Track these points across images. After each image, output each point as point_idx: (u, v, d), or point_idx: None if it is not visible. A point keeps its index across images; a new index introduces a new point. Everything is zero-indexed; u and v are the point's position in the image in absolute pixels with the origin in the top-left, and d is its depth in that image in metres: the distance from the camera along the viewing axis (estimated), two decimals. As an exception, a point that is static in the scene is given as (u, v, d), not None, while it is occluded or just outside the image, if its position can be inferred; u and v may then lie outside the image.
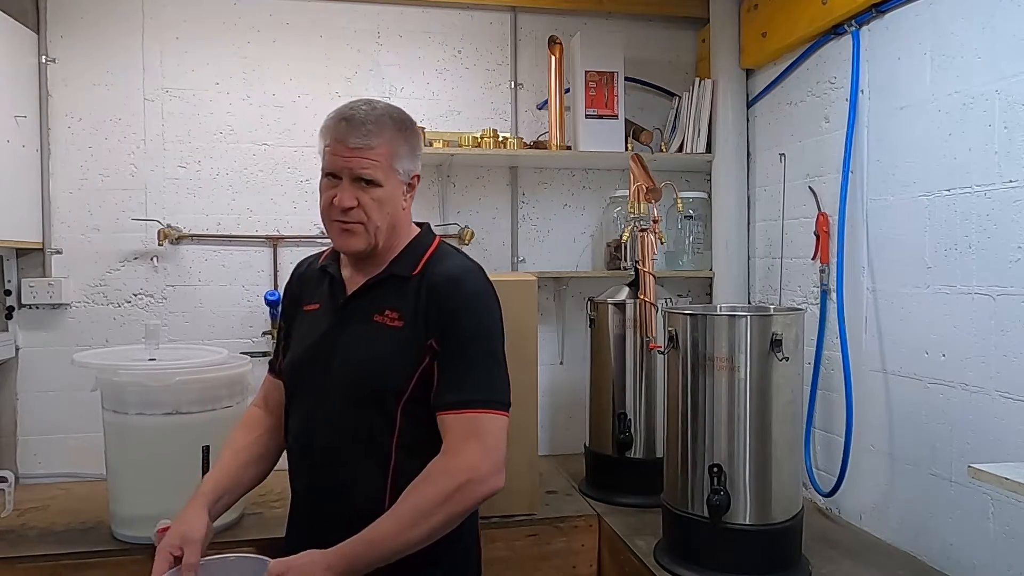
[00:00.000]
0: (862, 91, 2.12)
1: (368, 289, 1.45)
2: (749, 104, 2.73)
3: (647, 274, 2.21)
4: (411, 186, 1.47)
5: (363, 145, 1.38)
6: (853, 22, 2.12)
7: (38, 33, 2.50)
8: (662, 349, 1.89)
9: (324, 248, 1.64)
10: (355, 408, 1.40)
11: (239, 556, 1.39)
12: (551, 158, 2.76)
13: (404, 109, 1.49)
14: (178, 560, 1.31)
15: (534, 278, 2.21)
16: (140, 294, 2.60)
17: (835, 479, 2.15)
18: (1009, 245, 1.65)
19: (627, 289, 2.35)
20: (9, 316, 2.49)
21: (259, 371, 2.60)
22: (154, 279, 2.61)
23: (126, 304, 2.59)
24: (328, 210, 1.43)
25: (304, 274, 1.60)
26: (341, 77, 2.72)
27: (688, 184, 2.90)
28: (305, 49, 2.69)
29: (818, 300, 2.29)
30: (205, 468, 1.98)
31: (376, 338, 1.41)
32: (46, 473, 2.52)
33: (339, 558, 1.25)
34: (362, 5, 2.73)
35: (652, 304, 2.19)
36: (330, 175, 1.43)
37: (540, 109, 2.85)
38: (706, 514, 1.70)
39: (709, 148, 2.75)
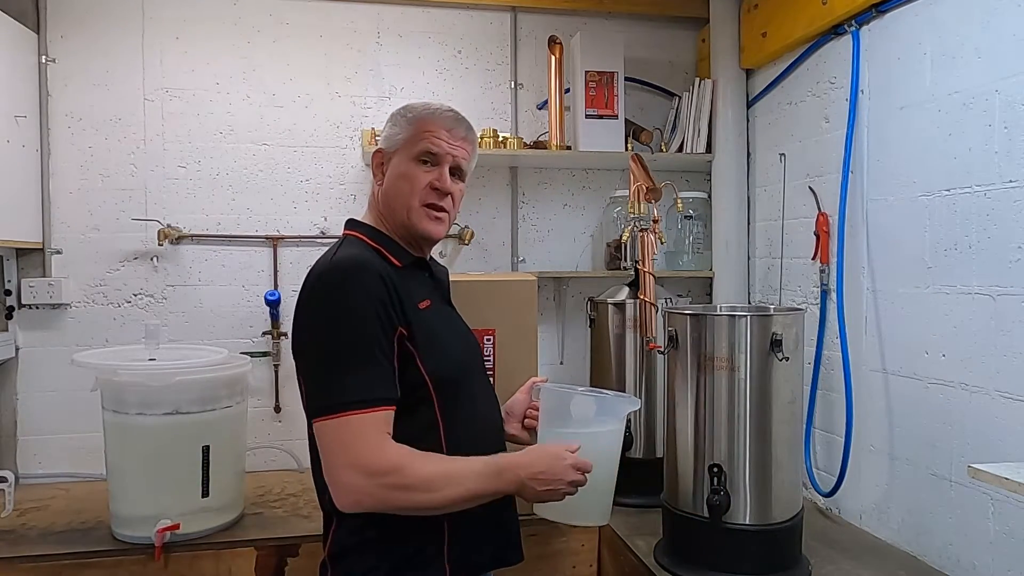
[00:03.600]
0: (862, 91, 2.12)
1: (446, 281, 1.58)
2: (749, 104, 2.73)
3: (647, 274, 2.21)
4: None
5: (467, 138, 1.47)
6: (853, 22, 2.12)
7: (38, 33, 2.50)
8: (662, 349, 1.89)
9: (328, 246, 1.52)
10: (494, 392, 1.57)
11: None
12: (551, 158, 2.76)
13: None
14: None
15: (534, 278, 2.21)
16: (140, 294, 2.60)
17: (835, 479, 2.15)
18: (1009, 245, 1.65)
19: (627, 289, 2.35)
20: (9, 316, 2.49)
21: (259, 371, 2.63)
22: (154, 279, 2.61)
23: (126, 304, 2.59)
24: (421, 193, 1.42)
25: (388, 274, 1.35)
26: (341, 77, 2.72)
27: (688, 184, 2.90)
28: (305, 49, 2.69)
29: (818, 300, 2.29)
30: (205, 468, 1.99)
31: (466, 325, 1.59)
32: (46, 473, 2.52)
33: None
34: (362, 5, 2.73)
35: (652, 304, 2.19)
36: (425, 159, 1.42)
37: (540, 109, 2.85)
38: (706, 514, 1.70)
39: (709, 148, 2.75)
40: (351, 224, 1.50)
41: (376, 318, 1.29)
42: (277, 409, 2.68)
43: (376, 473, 1.24)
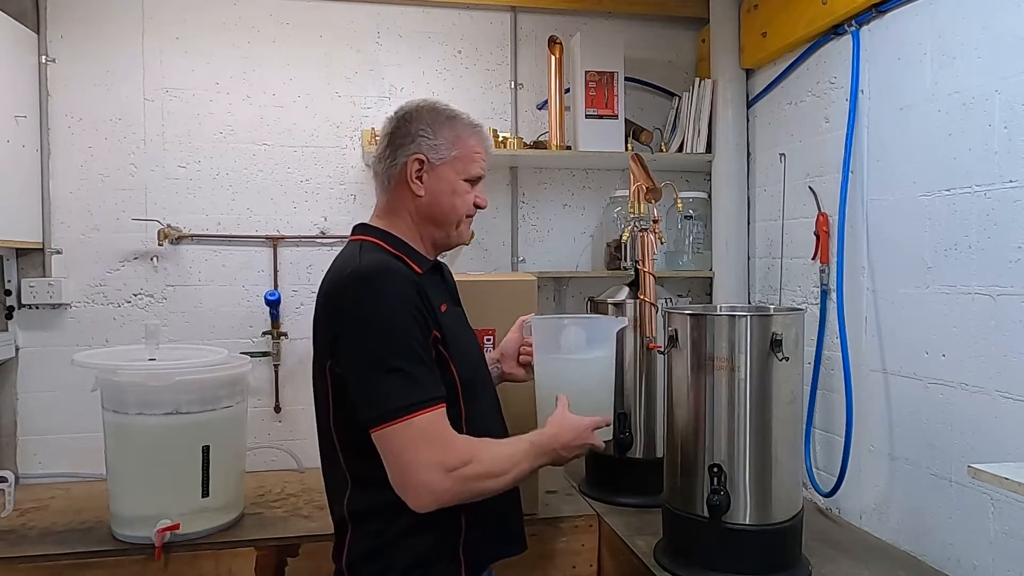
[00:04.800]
0: (862, 91, 2.12)
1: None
2: (749, 104, 2.73)
3: (647, 274, 2.21)
4: None
5: None
6: (853, 22, 2.12)
7: (38, 33, 2.50)
8: (662, 349, 1.89)
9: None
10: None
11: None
12: (551, 158, 2.76)
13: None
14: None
15: (534, 278, 2.21)
16: (140, 294, 2.60)
17: (835, 479, 2.15)
18: (1009, 245, 1.65)
19: (627, 289, 2.35)
20: (9, 316, 2.49)
21: (259, 371, 2.63)
22: (154, 279, 2.61)
23: (126, 304, 2.59)
24: (466, 209, 1.50)
25: (416, 280, 1.38)
26: (341, 77, 2.72)
27: (688, 184, 2.90)
28: (305, 49, 2.69)
29: (818, 300, 2.29)
30: (205, 468, 1.99)
31: None
32: (46, 473, 2.52)
33: None
34: (362, 5, 2.73)
35: (652, 304, 2.19)
36: (475, 180, 1.51)
37: (540, 109, 2.85)
38: (706, 514, 1.70)
39: (709, 148, 2.75)
40: (364, 229, 1.48)
41: (415, 321, 1.31)
42: (277, 409, 2.68)
43: (454, 467, 1.27)
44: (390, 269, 1.35)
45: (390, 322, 1.29)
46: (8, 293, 2.47)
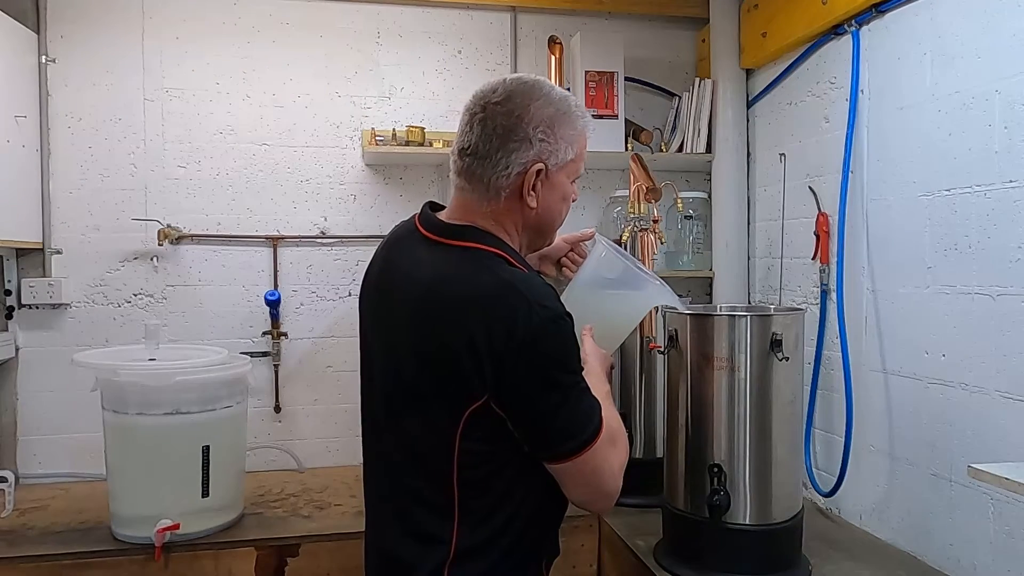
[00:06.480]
0: (862, 91, 2.12)
1: None
2: (749, 104, 2.73)
3: (647, 274, 2.21)
4: None
5: None
6: (853, 22, 2.12)
7: (38, 33, 2.50)
8: (662, 349, 1.89)
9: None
10: None
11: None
12: (551, 158, 2.75)
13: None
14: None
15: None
16: (140, 294, 2.60)
17: (835, 479, 2.15)
18: (1009, 245, 1.65)
19: (627, 289, 2.35)
20: (9, 316, 2.49)
21: (259, 371, 2.63)
22: (154, 279, 2.61)
23: (126, 304, 2.59)
24: (568, 212, 1.36)
25: None
26: (341, 77, 2.72)
27: (688, 184, 2.90)
28: (305, 49, 2.69)
29: (818, 300, 2.29)
30: (205, 468, 1.99)
31: None
32: (46, 473, 2.52)
33: None
34: (362, 5, 2.73)
35: (652, 304, 2.19)
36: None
37: (540, 109, 2.84)
38: (706, 514, 1.70)
39: (709, 148, 2.75)
40: (479, 236, 1.25)
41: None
42: (277, 409, 2.69)
43: (625, 458, 1.25)
44: (547, 285, 1.21)
45: (574, 340, 1.19)
46: (8, 293, 2.47)
